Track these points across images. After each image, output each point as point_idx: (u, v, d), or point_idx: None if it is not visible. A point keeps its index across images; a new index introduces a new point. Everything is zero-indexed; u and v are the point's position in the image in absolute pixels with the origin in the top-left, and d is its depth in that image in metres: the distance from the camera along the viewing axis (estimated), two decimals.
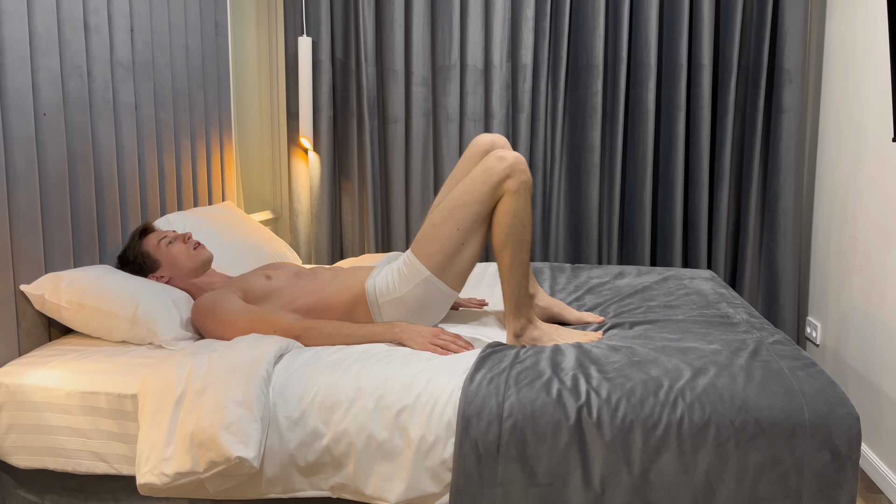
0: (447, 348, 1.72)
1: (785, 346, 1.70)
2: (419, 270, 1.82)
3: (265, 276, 1.98)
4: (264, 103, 3.23)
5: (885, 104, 2.35)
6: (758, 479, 1.40)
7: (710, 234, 3.06)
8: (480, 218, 1.79)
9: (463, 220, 1.79)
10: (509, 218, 1.75)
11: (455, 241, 1.80)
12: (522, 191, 1.75)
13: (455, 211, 1.80)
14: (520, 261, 1.78)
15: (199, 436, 1.47)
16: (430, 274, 1.82)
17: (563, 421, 1.44)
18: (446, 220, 1.81)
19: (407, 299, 1.84)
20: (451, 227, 1.80)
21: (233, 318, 1.80)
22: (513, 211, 1.75)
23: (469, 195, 1.78)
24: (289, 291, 1.94)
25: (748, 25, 2.94)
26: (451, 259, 1.81)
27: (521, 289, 1.79)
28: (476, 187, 1.77)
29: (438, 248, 1.81)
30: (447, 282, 1.84)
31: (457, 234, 1.79)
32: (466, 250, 1.82)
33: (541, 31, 3.00)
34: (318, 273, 2.01)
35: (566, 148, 3.10)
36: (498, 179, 1.75)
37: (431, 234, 1.82)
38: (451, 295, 1.86)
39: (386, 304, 1.86)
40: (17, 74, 1.74)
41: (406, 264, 1.85)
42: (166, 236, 2.01)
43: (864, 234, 2.47)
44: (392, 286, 1.85)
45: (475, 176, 1.78)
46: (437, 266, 1.81)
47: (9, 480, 1.73)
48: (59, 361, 1.72)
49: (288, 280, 1.98)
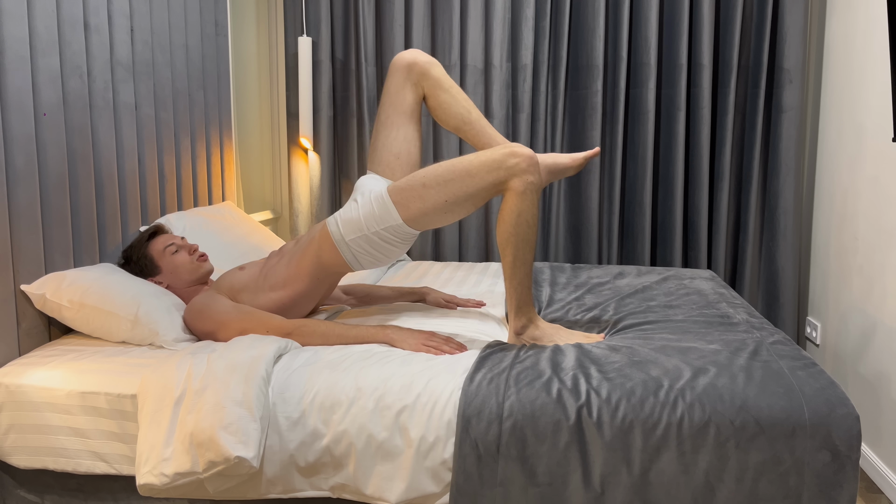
0: (440, 349, 1.72)
1: (785, 346, 1.70)
2: (392, 216, 1.80)
3: (239, 269, 1.99)
4: (264, 103, 3.23)
5: (885, 104, 2.35)
6: (758, 479, 1.40)
7: (710, 234, 3.06)
8: (472, 200, 1.77)
9: (454, 195, 1.76)
10: (513, 217, 1.73)
11: (438, 209, 1.78)
12: (529, 192, 1.73)
13: (450, 183, 1.76)
14: (522, 260, 1.77)
15: (199, 436, 1.47)
16: (403, 223, 1.80)
17: (563, 421, 1.44)
18: (438, 186, 1.77)
19: (373, 238, 1.82)
20: (440, 196, 1.77)
21: (224, 318, 1.81)
22: (518, 211, 1.73)
23: (469, 177, 1.75)
24: (261, 272, 1.94)
25: (748, 25, 2.94)
26: (428, 218, 1.80)
27: (523, 288, 1.79)
28: (479, 173, 1.74)
29: (419, 206, 1.78)
30: (416, 228, 1.83)
31: (443, 204, 1.77)
32: (445, 219, 1.81)
33: (541, 31, 3.00)
34: (283, 246, 2.01)
35: (566, 148, 3.10)
36: (503, 176, 1.73)
37: (418, 193, 1.79)
38: (414, 235, 1.87)
39: (353, 241, 1.83)
40: (17, 74, 1.74)
41: (378, 203, 1.81)
42: (173, 243, 2.01)
43: (864, 234, 2.47)
44: (358, 222, 1.82)
45: (484, 161, 1.75)
46: (411, 218, 1.80)
47: (9, 480, 1.73)
48: (59, 361, 1.72)
49: (259, 264, 1.98)
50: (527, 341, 1.80)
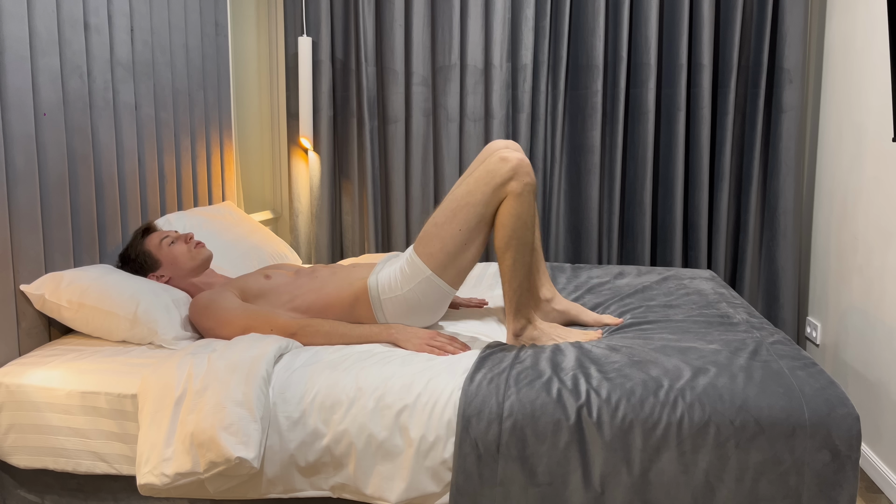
0: (443, 349, 1.72)
1: (785, 346, 1.70)
2: (421, 269, 1.82)
3: (264, 276, 1.99)
4: (264, 103, 3.23)
5: (885, 104, 2.35)
6: (758, 478, 1.40)
7: (710, 234, 3.06)
8: (483, 219, 1.79)
9: (465, 221, 1.79)
10: (512, 220, 1.74)
11: (457, 242, 1.80)
12: (526, 193, 1.74)
13: (458, 211, 1.79)
14: (522, 262, 1.77)
15: (199, 436, 1.47)
16: (432, 273, 1.82)
17: (563, 421, 1.44)
18: (449, 220, 1.80)
19: (408, 297, 1.85)
20: (454, 227, 1.79)
21: (229, 315, 1.81)
22: (516, 213, 1.74)
23: (472, 196, 1.78)
24: (288, 289, 1.94)
25: (748, 25, 2.94)
26: (453, 258, 1.81)
27: (522, 290, 1.79)
28: (479, 188, 1.77)
29: (440, 247, 1.81)
30: (448, 280, 1.84)
31: (459, 234, 1.79)
32: (468, 250, 1.82)
33: (541, 31, 3.00)
34: (317, 271, 2.01)
35: (566, 148, 3.10)
36: (500, 181, 1.75)
37: (434, 234, 1.82)
38: (450, 293, 1.87)
39: (388, 301, 1.86)
40: (17, 74, 1.74)
41: (409, 263, 1.85)
42: (168, 236, 2.02)
43: (864, 234, 2.47)
44: (394, 284, 1.86)
45: (478, 177, 1.78)
46: (439, 265, 1.82)
47: (9, 480, 1.73)
48: (59, 361, 1.72)
49: (287, 279, 1.99)
50: (525, 342, 1.81)
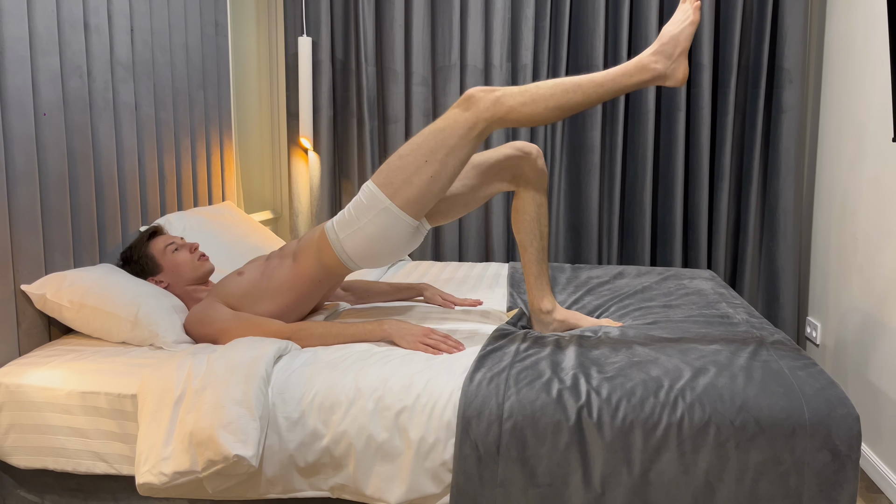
0: (437, 347, 1.72)
1: (785, 346, 1.70)
2: (378, 199, 1.73)
3: (238, 274, 1.94)
4: (264, 103, 3.23)
5: (885, 104, 2.35)
6: (758, 479, 1.40)
7: (710, 234, 3.06)
8: (453, 154, 1.71)
9: (432, 153, 1.70)
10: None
11: (423, 175, 1.71)
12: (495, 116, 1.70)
13: (424, 144, 1.72)
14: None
15: (198, 435, 1.47)
16: (391, 203, 1.73)
17: (563, 421, 1.44)
18: (414, 152, 1.72)
19: (367, 230, 1.75)
20: (419, 158, 1.71)
21: (224, 326, 1.80)
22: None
23: (440, 131, 1.71)
24: (263, 276, 1.89)
25: (748, 25, 2.94)
26: (416, 189, 1.72)
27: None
28: (448, 122, 1.71)
29: (402, 178, 1.72)
30: (409, 212, 1.74)
31: (425, 166, 1.71)
32: (433, 186, 1.73)
33: (541, 31, 3.00)
34: (284, 246, 1.97)
35: (566, 148, 3.10)
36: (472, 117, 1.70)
37: (396, 165, 1.73)
38: (412, 224, 1.77)
39: (346, 239, 1.77)
40: (17, 74, 1.74)
41: (365, 194, 1.76)
42: (173, 242, 2.01)
43: (864, 234, 2.47)
44: (350, 218, 1.77)
45: (448, 114, 1.73)
46: (401, 199, 1.73)
47: (9, 480, 1.74)
48: (59, 361, 1.72)
49: (259, 267, 1.93)
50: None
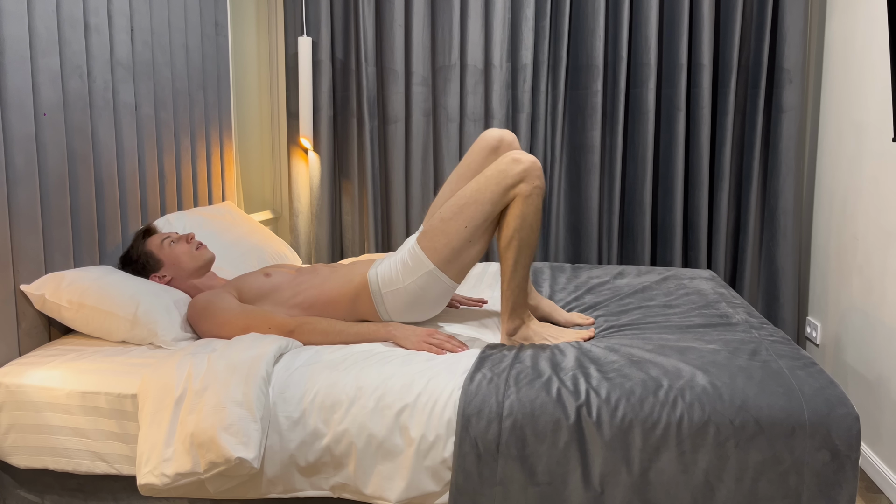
0: (441, 347, 1.73)
1: (785, 346, 1.71)
2: (423, 263, 1.83)
3: (264, 275, 1.99)
4: (264, 103, 3.23)
5: (885, 104, 2.35)
6: (757, 478, 1.40)
7: (710, 234, 3.06)
8: (490, 218, 1.80)
9: (472, 218, 1.79)
10: (517, 221, 1.76)
11: (462, 238, 1.81)
12: (534, 196, 1.75)
13: (465, 208, 1.80)
14: (522, 264, 1.79)
15: (200, 436, 1.47)
16: (435, 267, 1.82)
17: (562, 420, 1.44)
18: (456, 216, 1.81)
19: (410, 289, 1.85)
20: (460, 223, 1.80)
21: (227, 316, 1.81)
22: (522, 215, 1.75)
23: (481, 194, 1.79)
24: (290, 286, 1.94)
25: (748, 25, 2.94)
26: (457, 254, 1.82)
27: (520, 291, 1.80)
28: (489, 187, 1.78)
29: (445, 242, 1.81)
30: (450, 275, 1.85)
31: (465, 231, 1.80)
32: (472, 247, 1.83)
33: (541, 31, 3.00)
34: (318, 269, 2.01)
35: (566, 148, 3.10)
36: (511, 182, 1.76)
37: (440, 229, 1.82)
38: (451, 287, 1.88)
39: (388, 294, 1.86)
40: (17, 74, 1.74)
41: (411, 256, 1.86)
42: (169, 236, 2.02)
43: (864, 234, 2.48)
44: (395, 276, 1.86)
45: (489, 176, 1.79)
46: (442, 260, 1.82)
47: (9, 480, 1.74)
48: (59, 361, 1.72)
49: (287, 276, 1.99)
50: (519, 342, 1.82)
